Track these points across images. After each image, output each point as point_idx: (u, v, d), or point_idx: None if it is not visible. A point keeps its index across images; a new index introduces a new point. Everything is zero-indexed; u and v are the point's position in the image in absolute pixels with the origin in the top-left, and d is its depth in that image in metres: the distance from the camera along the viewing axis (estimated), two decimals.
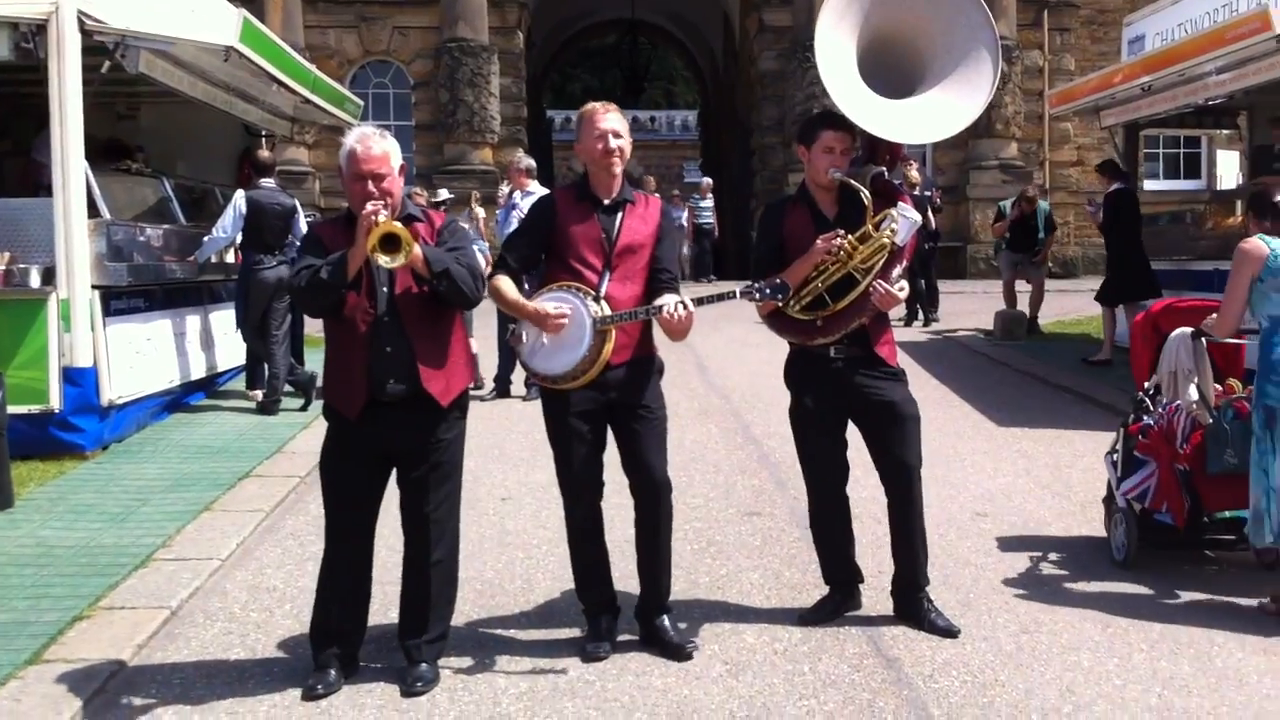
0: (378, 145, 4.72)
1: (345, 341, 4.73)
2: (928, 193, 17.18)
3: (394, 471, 4.89)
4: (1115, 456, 6.59)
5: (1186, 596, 5.77)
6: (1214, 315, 5.98)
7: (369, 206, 4.54)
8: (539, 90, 37.45)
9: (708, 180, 25.38)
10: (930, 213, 16.93)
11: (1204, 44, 10.99)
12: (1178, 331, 6.35)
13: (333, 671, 4.75)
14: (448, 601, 4.97)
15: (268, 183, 10.86)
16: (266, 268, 10.58)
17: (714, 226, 26.11)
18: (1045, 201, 16.87)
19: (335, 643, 4.81)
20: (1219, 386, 6.28)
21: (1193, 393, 6.17)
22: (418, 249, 4.59)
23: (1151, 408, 6.48)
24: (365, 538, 4.93)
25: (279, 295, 10.58)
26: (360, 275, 4.65)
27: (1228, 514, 6.10)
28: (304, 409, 10.56)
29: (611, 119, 5.02)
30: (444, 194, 14.01)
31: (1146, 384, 6.60)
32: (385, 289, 4.69)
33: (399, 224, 4.58)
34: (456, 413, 4.88)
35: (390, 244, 4.48)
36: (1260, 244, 5.56)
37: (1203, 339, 6.15)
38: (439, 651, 4.89)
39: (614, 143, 4.98)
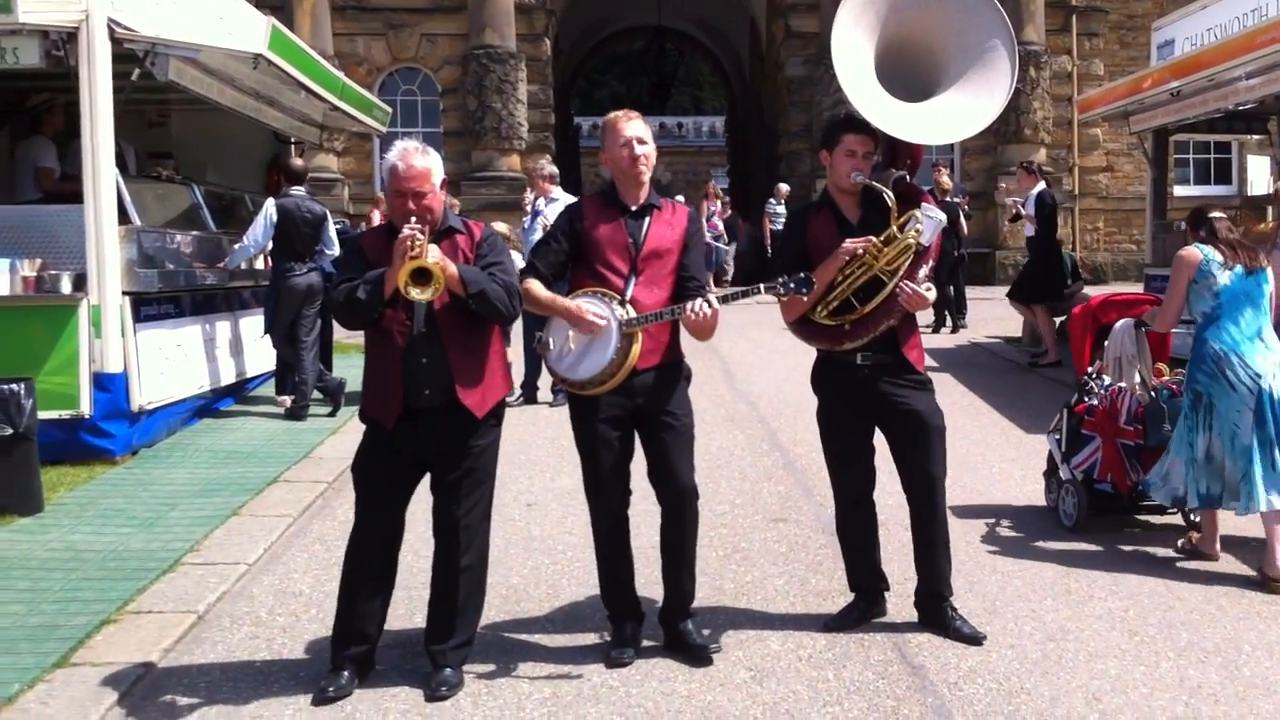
0: (419, 161, 4.74)
1: (382, 352, 4.78)
2: (956, 199, 17.15)
3: (428, 477, 4.91)
4: (1059, 435, 7.37)
5: (1222, 605, 5.73)
6: (1154, 309, 6.94)
7: (405, 231, 4.58)
8: (566, 96, 37.53)
9: (785, 186, 24.95)
10: (961, 219, 16.90)
11: (1234, 49, 10.92)
12: (1122, 322, 7.28)
13: (346, 673, 4.77)
14: (475, 608, 4.98)
15: (298, 190, 10.91)
16: (297, 275, 10.65)
17: None
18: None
19: (355, 643, 4.84)
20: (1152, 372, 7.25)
21: (1136, 375, 7.16)
22: (453, 269, 4.64)
23: (1095, 390, 7.28)
24: (392, 540, 4.96)
25: (309, 302, 10.65)
26: (398, 289, 4.67)
27: None
28: (332, 415, 10.62)
29: (635, 126, 5.05)
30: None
31: (1089, 369, 7.45)
32: (422, 307, 4.71)
33: (434, 248, 4.62)
34: (491, 420, 4.92)
35: (421, 277, 4.51)
36: (1195, 251, 6.41)
37: (1143, 329, 7.11)
38: (464, 657, 4.90)
39: (639, 150, 5.01)
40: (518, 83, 24.86)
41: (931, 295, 5.16)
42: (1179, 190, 23.62)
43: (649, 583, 5.36)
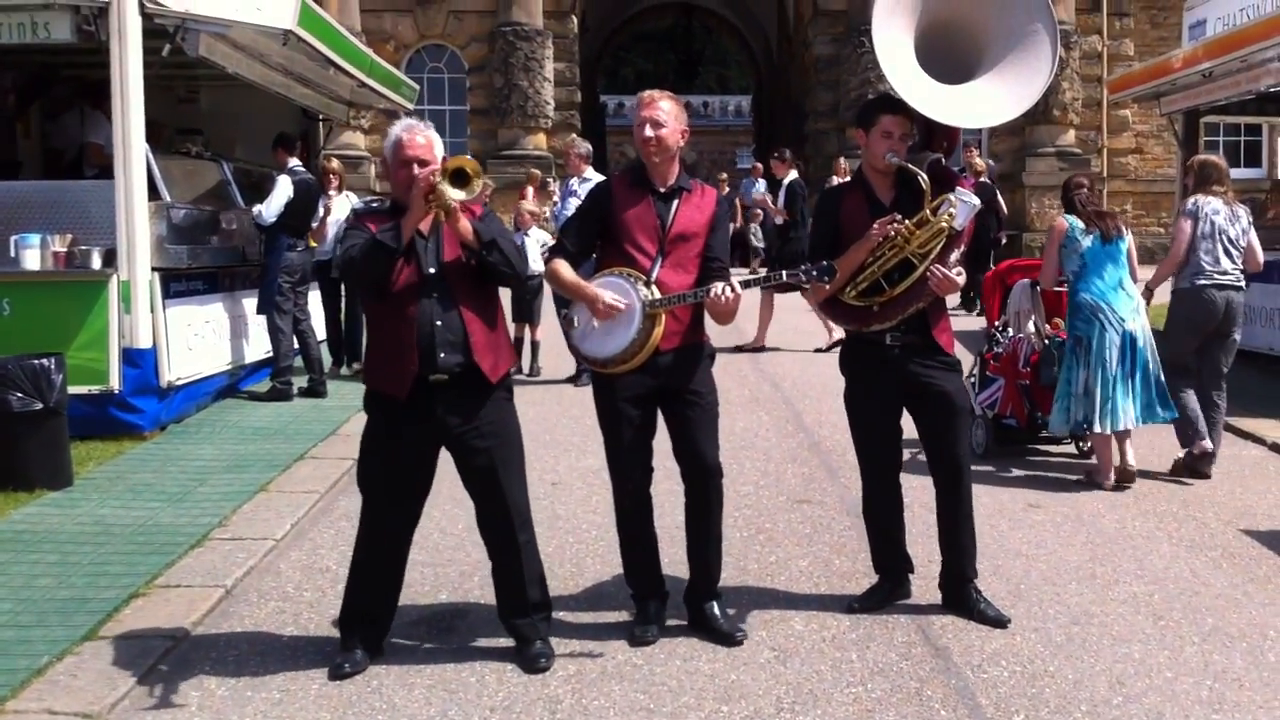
0: (423, 135, 4.81)
1: (393, 320, 4.72)
2: (987, 180, 17.02)
3: (461, 466, 4.88)
4: (973, 379, 8.62)
5: (1248, 590, 5.72)
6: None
7: (423, 172, 4.63)
8: (593, 75, 37.48)
9: (845, 162, 24.66)
10: (999, 200, 16.79)
11: (1266, 29, 10.85)
12: (1020, 282, 8.77)
13: (359, 651, 4.81)
14: (542, 577, 5.00)
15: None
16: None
17: None
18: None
19: (365, 625, 4.88)
20: (1049, 325, 8.60)
21: (1030, 326, 8.61)
22: (466, 223, 4.65)
23: (1000, 340, 8.73)
24: (409, 530, 4.96)
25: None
26: (410, 251, 4.69)
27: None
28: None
29: (654, 107, 5.01)
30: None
31: (996, 323, 8.90)
32: (433, 270, 4.72)
33: (466, 156, 4.65)
34: (504, 393, 4.89)
35: (460, 179, 4.55)
36: (1063, 221, 7.81)
37: (1037, 287, 8.49)
38: (549, 626, 4.96)
39: (648, 131, 4.98)
40: (544, 60, 24.87)
41: (962, 280, 5.14)
42: None
43: (674, 562, 5.37)
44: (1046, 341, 8.39)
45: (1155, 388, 7.63)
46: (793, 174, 14.46)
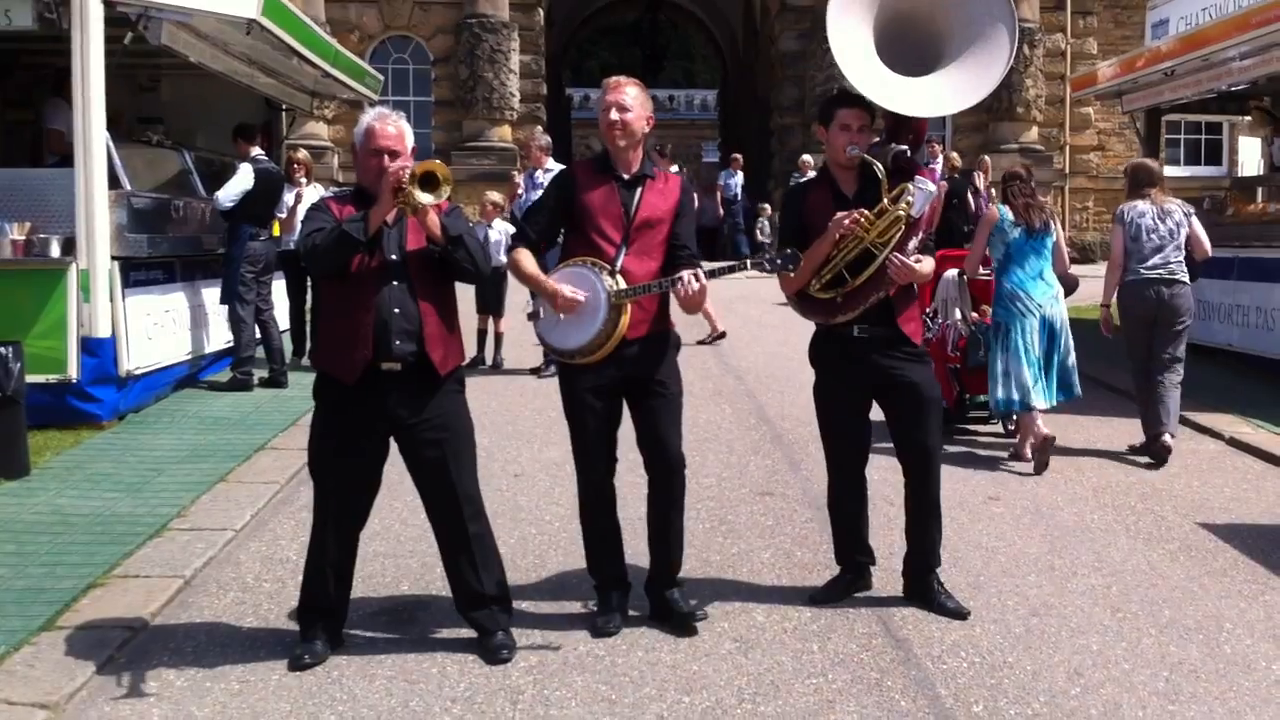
0: (394, 125, 4.80)
1: (350, 305, 4.69)
2: (935, 164, 17.05)
3: (410, 458, 4.87)
4: None
5: (1204, 583, 5.77)
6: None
7: (394, 166, 4.61)
8: (558, 67, 37.36)
9: (809, 158, 24.50)
10: (969, 196, 16.82)
11: (1228, 29, 10.93)
12: (948, 271, 9.12)
13: (319, 642, 4.79)
14: (499, 566, 4.98)
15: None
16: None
17: None
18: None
19: (324, 615, 4.85)
20: (976, 313, 9.05)
21: (957, 313, 9.14)
22: (434, 215, 4.64)
23: (931, 325, 9.09)
24: (361, 519, 4.95)
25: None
26: (374, 236, 4.67)
27: (982, 398, 8.90)
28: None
29: (619, 92, 5.02)
30: None
31: (927, 309, 9.12)
32: (395, 256, 4.71)
33: (436, 161, 4.65)
34: (455, 385, 4.88)
35: (430, 182, 4.55)
36: (995, 210, 8.33)
37: (964, 276, 8.94)
38: (510, 617, 4.94)
39: (614, 115, 4.99)
40: (510, 52, 24.74)
41: (922, 267, 5.15)
42: (1170, 171, 23.51)
43: (636, 554, 5.37)
44: (973, 328, 8.96)
45: (1061, 372, 8.17)
46: (673, 169, 14.58)
